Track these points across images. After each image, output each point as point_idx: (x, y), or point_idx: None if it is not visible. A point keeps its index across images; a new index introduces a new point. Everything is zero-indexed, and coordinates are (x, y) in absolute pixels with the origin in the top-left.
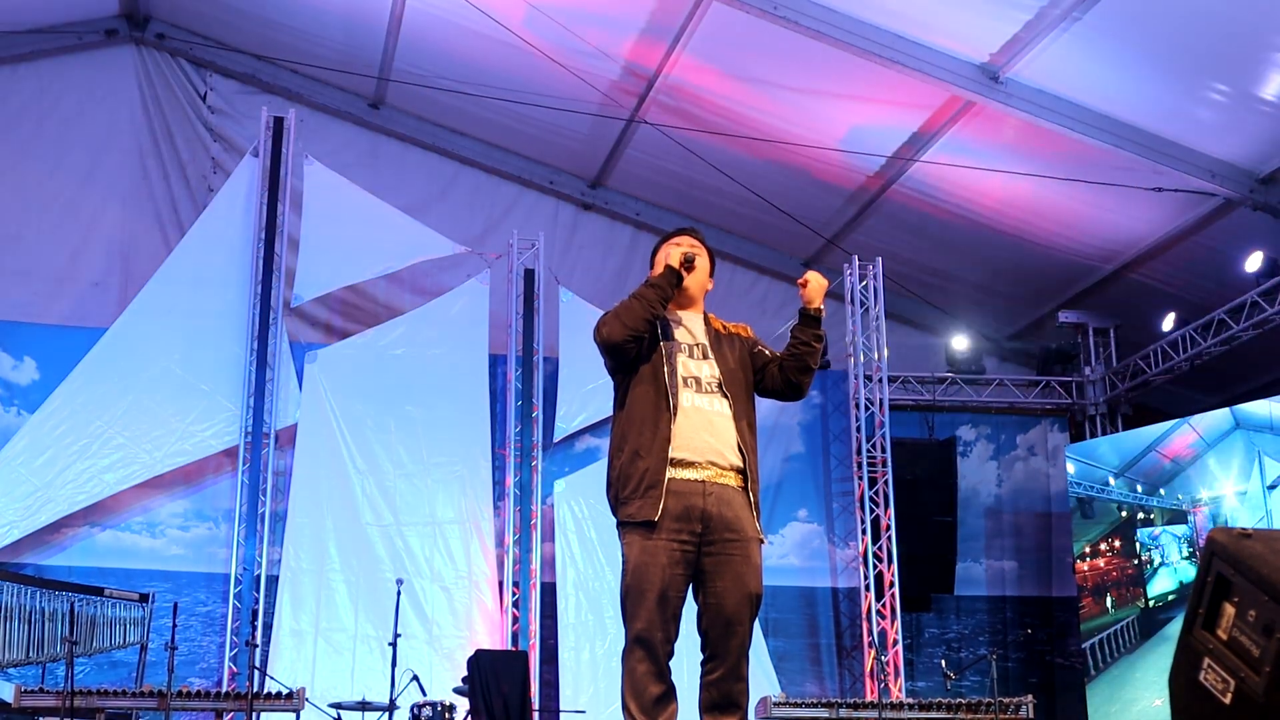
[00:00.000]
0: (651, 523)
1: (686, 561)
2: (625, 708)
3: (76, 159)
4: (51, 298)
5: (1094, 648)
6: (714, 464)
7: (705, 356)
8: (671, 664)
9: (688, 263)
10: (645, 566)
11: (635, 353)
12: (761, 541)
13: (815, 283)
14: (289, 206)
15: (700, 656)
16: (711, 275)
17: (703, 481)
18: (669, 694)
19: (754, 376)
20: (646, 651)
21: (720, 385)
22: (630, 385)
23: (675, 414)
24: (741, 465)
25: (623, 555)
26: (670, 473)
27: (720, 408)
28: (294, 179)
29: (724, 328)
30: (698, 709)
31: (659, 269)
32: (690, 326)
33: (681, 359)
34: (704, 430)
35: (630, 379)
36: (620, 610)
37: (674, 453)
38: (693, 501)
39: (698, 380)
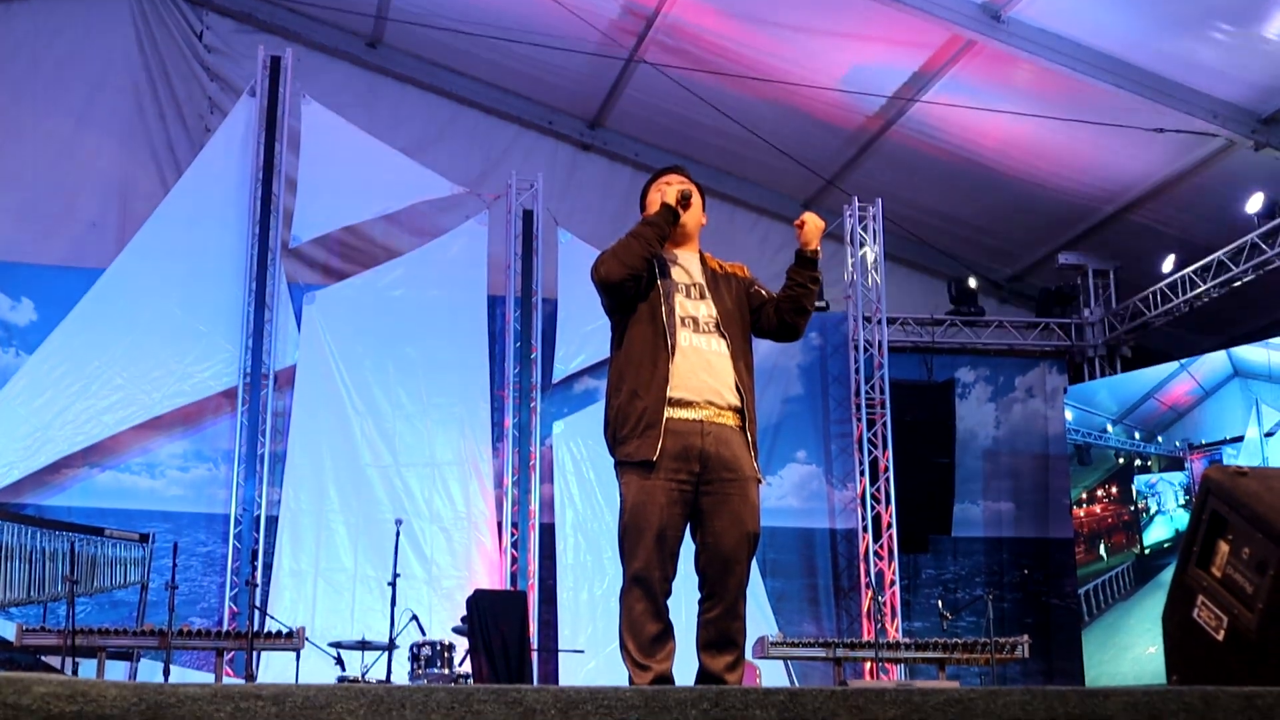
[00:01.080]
0: (650, 462)
1: (684, 501)
2: (623, 646)
3: (72, 99)
4: (49, 238)
5: (1089, 594)
6: (712, 403)
7: (702, 296)
8: (669, 603)
9: (684, 200)
10: (643, 506)
11: (633, 292)
12: (759, 481)
13: (812, 224)
14: (286, 147)
15: (698, 596)
16: (703, 211)
17: (701, 421)
18: (667, 632)
19: (750, 316)
20: (644, 590)
21: (718, 325)
22: (628, 325)
23: (673, 353)
24: (739, 405)
25: (620, 495)
26: (668, 412)
27: (718, 347)
28: (291, 119)
29: (720, 267)
30: (695, 647)
31: (653, 208)
32: (687, 266)
33: (679, 299)
34: (702, 370)
35: (627, 319)
36: (618, 550)
37: (672, 392)
38: (691, 441)
39: (695, 320)
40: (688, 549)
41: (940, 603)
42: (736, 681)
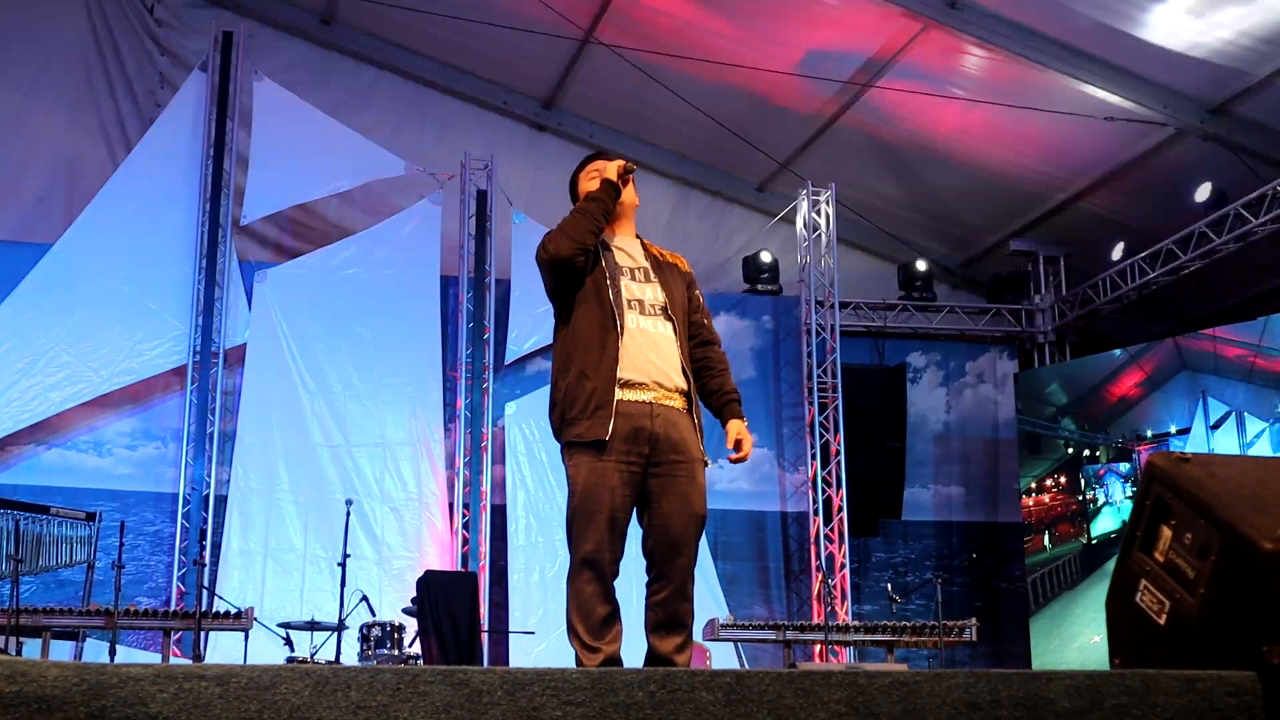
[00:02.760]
0: (601, 442)
1: (634, 483)
2: (571, 629)
3: (19, 72)
4: None
5: (1035, 582)
6: (660, 385)
7: (648, 279)
8: (616, 585)
9: (625, 174)
10: (595, 488)
11: (582, 269)
12: (706, 463)
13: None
14: (238, 123)
15: (645, 578)
16: (634, 192)
17: (650, 403)
18: (615, 614)
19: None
20: (595, 573)
21: (665, 309)
22: (573, 307)
23: (622, 334)
24: (686, 387)
25: (569, 477)
26: (618, 393)
27: (664, 330)
28: (243, 96)
29: (661, 254)
30: (644, 629)
31: (593, 187)
32: (628, 250)
33: (625, 281)
34: (650, 351)
35: (572, 300)
36: (566, 533)
37: (622, 373)
38: (641, 424)
39: (641, 303)
40: (634, 532)
41: (890, 586)
42: (685, 663)
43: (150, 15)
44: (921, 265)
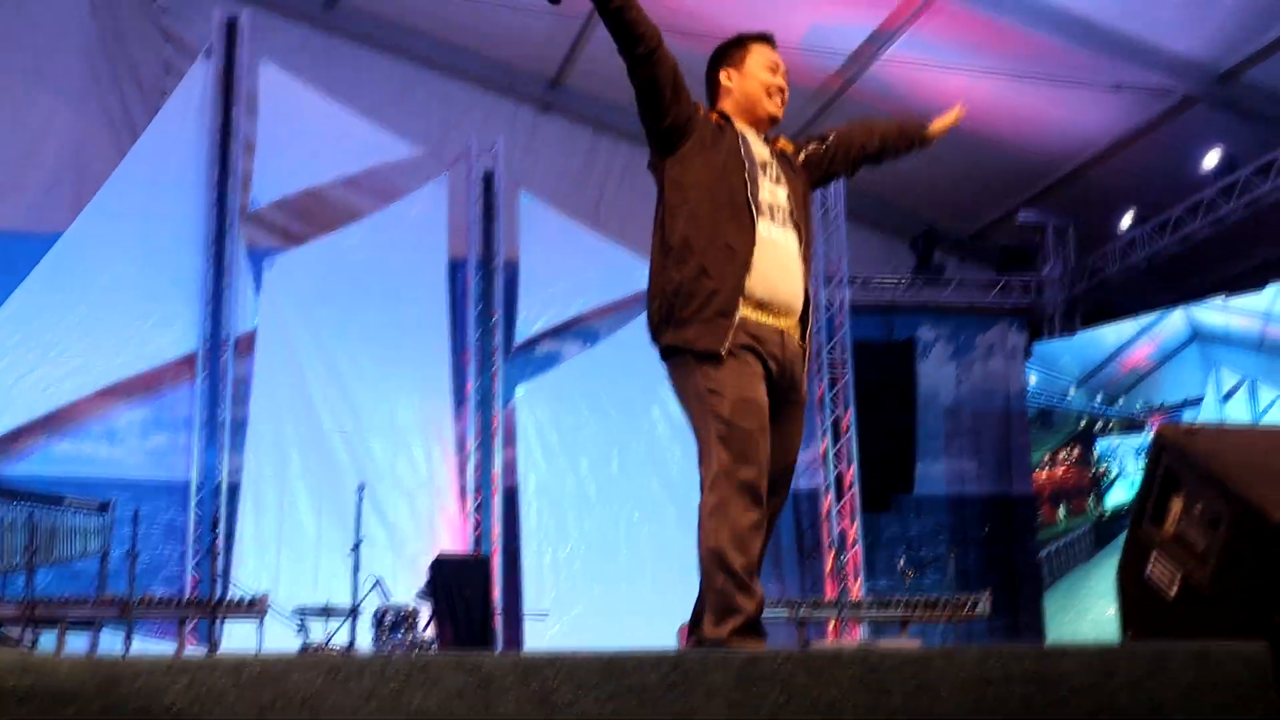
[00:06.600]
0: (716, 355)
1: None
2: (722, 564)
3: (23, 60)
4: (2, 203)
5: (1050, 556)
6: (789, 313)
7: (778, 181)
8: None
9: None
10: (751, 401)
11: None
12: None
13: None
14: (244, 110)
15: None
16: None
17: (781, 331)
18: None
19: (816, 176)
20: (754, 500)
21: (792, 216)
22: (692, 177)
23: (755, 241)
24: (806, 316)
25: (692, 387)
26: (744, 311)
27: (792, 244)
28: (248, 82)
29: (783, 148)
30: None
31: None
32: (755, 143)
33: (763, 180)
34: (781, 270)
35: (690, 168)
36: (707, 449)
37: (751, 287)
38: (771, 350)
39: (773, 208)
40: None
41: (903, 560)
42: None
43: (154, 2)
44: (930, 238)
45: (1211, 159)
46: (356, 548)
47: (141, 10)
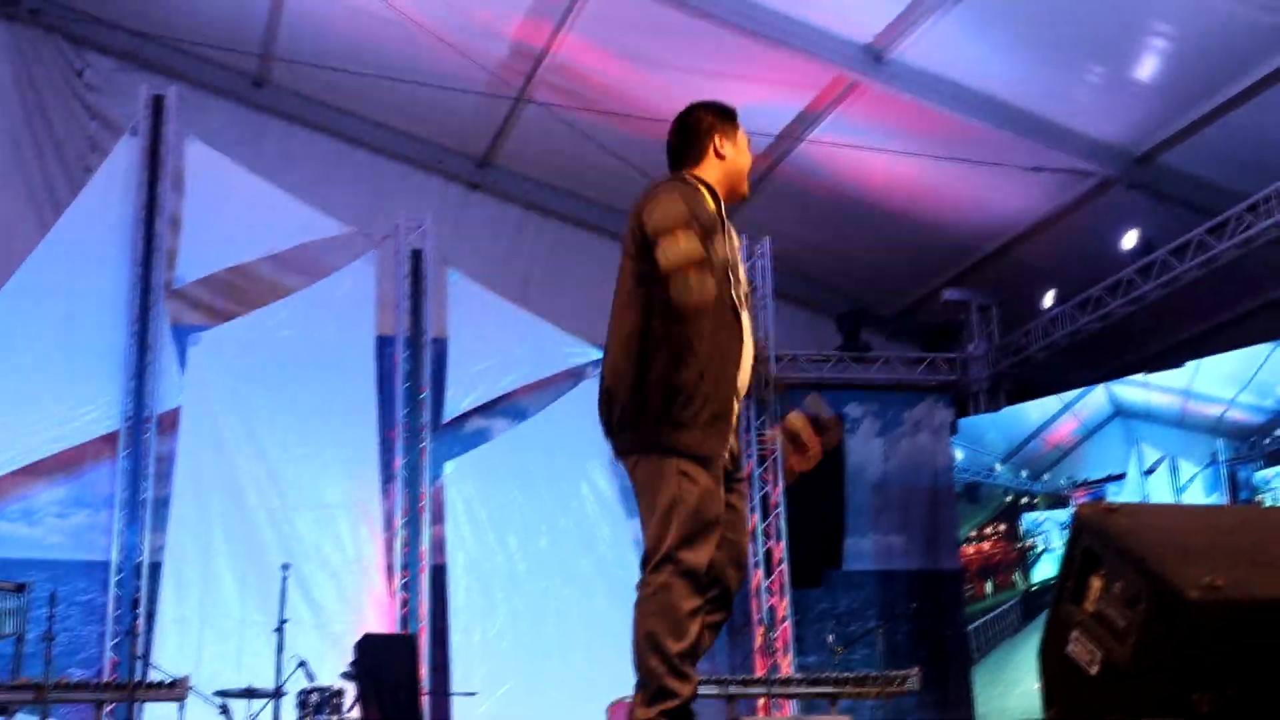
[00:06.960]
0: (708, 459)
1: None
2: (656, 648)
3: None
4: None
5: (978, 630)
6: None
7: (739, 265)
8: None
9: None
10: (715, 501)
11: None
12: None
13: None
14: (170, 186)
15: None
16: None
17: (738, 415)
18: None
19: None
20: (696, 587)
21: (748, 298)
22: None
23: (743, 340)
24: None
25: (670, 485)
26: (736, 407)
27: (748, 329)
28: (175, 158)
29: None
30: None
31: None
32: (731, 230)
33: (740, 272)
34: (748, 359)
35: None
36: (657, 536)
37: (740, 385)
38: (732, 441)
39: (745, 298)
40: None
41: (832, 636)
42: None
43: (80, 79)
44: (856, 316)
45: (1130, 239)
46: (281, 627)
47: (67, 86)
